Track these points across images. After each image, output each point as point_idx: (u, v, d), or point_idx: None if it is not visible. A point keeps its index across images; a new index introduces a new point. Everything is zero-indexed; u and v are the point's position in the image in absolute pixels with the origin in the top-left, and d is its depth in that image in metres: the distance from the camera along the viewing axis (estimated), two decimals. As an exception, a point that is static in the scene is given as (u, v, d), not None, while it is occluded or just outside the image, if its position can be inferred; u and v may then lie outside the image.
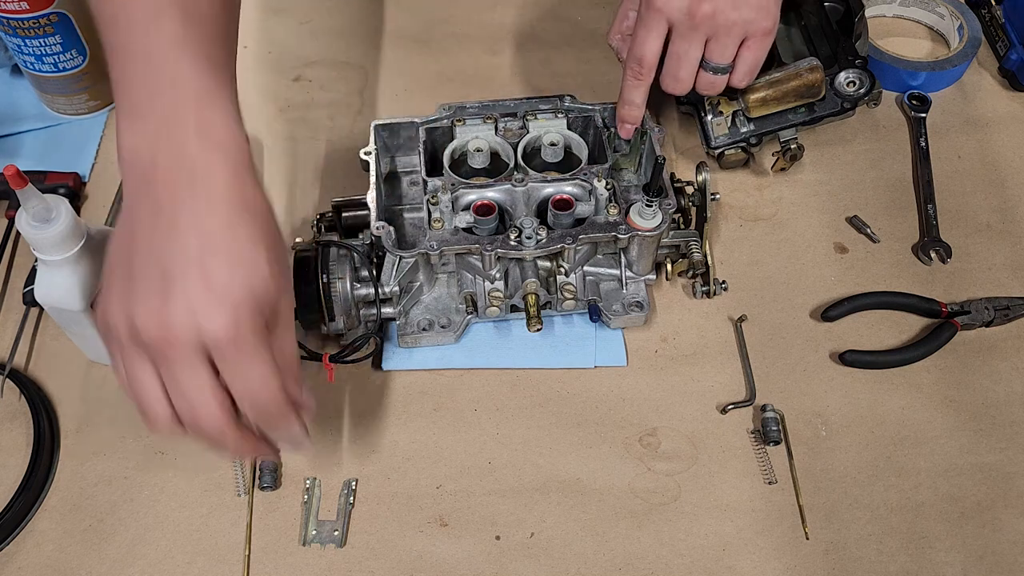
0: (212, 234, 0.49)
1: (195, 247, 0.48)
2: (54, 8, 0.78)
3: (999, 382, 0.72)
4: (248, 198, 0.51)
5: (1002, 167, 0.86)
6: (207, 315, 0.47)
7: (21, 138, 0.87)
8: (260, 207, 0.52)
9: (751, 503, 0.66)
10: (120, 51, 0.53)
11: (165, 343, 0.47)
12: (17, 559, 0.63)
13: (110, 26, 0.54)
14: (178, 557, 0.63)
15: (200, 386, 0.49)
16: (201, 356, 0.48)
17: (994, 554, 0.64)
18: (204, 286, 0.47)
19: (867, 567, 0.63)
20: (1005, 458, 0.68)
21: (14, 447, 0.67)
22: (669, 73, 0.72)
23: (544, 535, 0.65)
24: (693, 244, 0.74)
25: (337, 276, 0.68)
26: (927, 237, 0.80)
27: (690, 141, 0.87)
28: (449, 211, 0.70)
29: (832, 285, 0.78)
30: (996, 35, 0.95)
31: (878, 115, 0.90)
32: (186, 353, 0.47)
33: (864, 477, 0.67)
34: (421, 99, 0.91)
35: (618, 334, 0.74)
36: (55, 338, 0.73)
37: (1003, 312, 0.74)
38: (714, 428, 0.69)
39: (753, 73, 0.73)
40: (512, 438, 0.69)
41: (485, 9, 1.00)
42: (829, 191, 0.84)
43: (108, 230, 0.67)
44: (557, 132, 0.75)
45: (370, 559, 0.63)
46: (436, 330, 0.72)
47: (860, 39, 0.85)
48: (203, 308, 0.47)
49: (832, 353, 0.73)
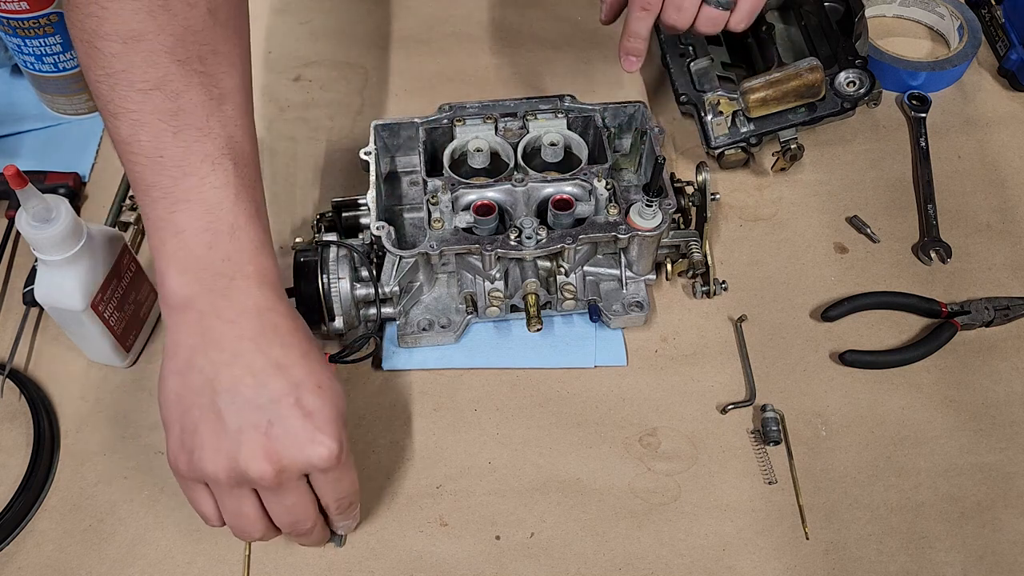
0: (294, 369, 0.52)
1: (286, 388, 0.52)
2: (54, 8, 0.78)
3: (999, 382, 0.72)
4: (301, 326, 0.56)
5: (1002, 167, 0.86)
6: (314, 447, 0.51)
7: (21, 138, 0.87)
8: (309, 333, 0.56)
9: (751, 503, 0.66)
10: (166, 197, 0.53)
11: (275, 475, 0.51)
12: (17, 559, 0.63)
13: (151, 165, 0.52)
14: (178, 557, 0.63)
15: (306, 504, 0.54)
16: (303, 479, 0.53)
17: (994, 554, 0.64)
18: (306, 425, 0.51)
19: (867, 567, 0.63)
20: (1005, 458, 0.68)
21: (14, 447, 0.67)
22: (673, 3, 0.72)
23: (544, 535, 0.65)
24: (693, 244, 0.74)
25: (337, 276, 0.68)
26: (927, 237, 0.80)
27: (690, 141, 0.87)
28: (449, 211, 0.70)
29: (832, 285, 0.78)
30: (996, 35, 0.95)
31: (878, 115, 0.90)
32: (292, 479, 0.52)
33: (864, 477, 0.67)
34: (421, 99, 0.91)
35: (618, 334, 0.74)
36: (55, 338, 0.73)
37: (1003, 312, 0.74)
38: (714, 428, 0.69)
39: (752, 16, 0.73)
40: (512, 438, 0.69)
41: (485, 9, 1.00)
42: (829, 191, 0.84)
43: (108, 230, 0.67)
44: (557, 132, 0.75)
45: (370, 559, 0.63)
46: (436, 330, 0.72)
47: (860, 39, 0.85)
48: (310, 440, 0.51)
49: (832, 353, 0.73)
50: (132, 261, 0.69)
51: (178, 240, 0.52)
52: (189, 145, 0.52)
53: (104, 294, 0.65)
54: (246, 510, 0.53)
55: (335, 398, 0.53)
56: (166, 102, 0.52)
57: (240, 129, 0.55)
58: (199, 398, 0.51)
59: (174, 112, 0.52)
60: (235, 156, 0.54)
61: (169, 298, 0.53)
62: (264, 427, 0.50)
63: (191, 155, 0.53)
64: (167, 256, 0.53)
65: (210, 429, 0.51)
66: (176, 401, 0.52)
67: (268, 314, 0.53)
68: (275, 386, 0.51)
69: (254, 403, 0.51)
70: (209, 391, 0.51)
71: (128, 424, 0.69)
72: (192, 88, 0.53)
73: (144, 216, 0.54)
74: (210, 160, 0.53)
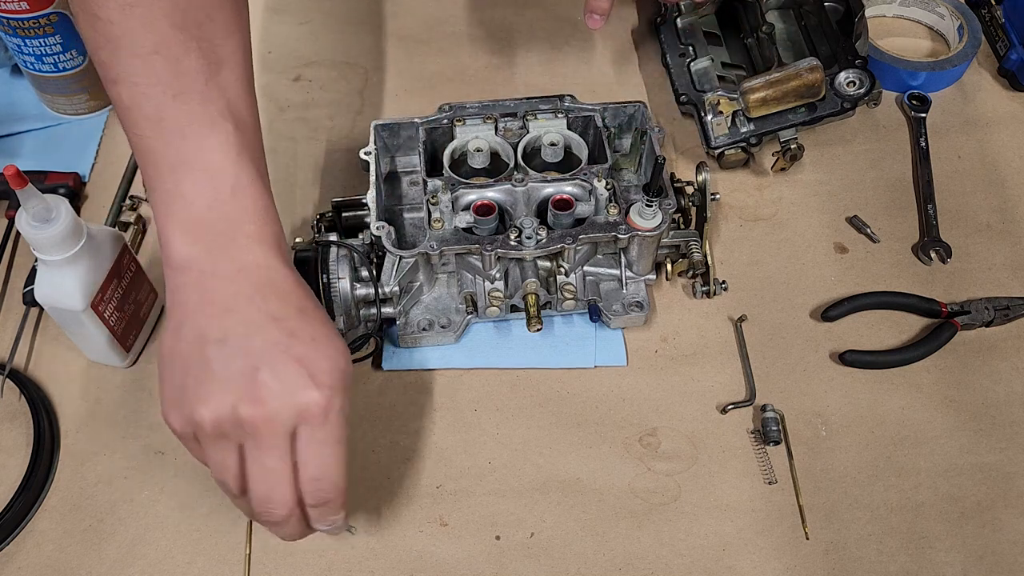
0: (289, 321, 0.52)
1: (279, 336, 0.51)
2: (54, 8, 0.78)
3: (999, 382, 0.72)
4: (303, 287, 0.55)
5: (1002, 167, 0.86)
6: (304, 391, 0.49)
7: (21, 138, 0.87)
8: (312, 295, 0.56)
9: (751, 503, 0.66)
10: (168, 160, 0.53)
11: (261, 421, 0.49)
12: (17, 559, 0.63)
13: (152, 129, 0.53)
14: (178, 557, 0.63)
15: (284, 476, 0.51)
16: (288, 438, 0.50)
17: (994, 554, 0.64)
18: (297, 371, 0.50)
19: (867, 567, 0.63)
20: (1005, 458, 0.68)
21: (14, 447, 0.67)
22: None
23: (544, 535, 0.65)
24: (693, 244, 0.74)
25: (337, 276, 0.68)
26: (927, 237, 0.80)
27: (690, 141, 0.87)
28: (449, 211, 0.70)
29: (832, 285, 0.78)
30: (996, 35, 0.95)
31: (878, 115, 0.90)
32: (278, 432, 0.50)
33: (864, 477, 0.67)
34: (421, 99, 0.91)
35: (618, 334, 0.74)
36: (55, 338, 0.73)
37: (1003, 312, 0.74)
38: (714, 428, 0.69)
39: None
40: (512, 438, 0.69)
41: (485, 9, 1.00)
42: (829, 191, 0.84)
43: (108, 230, 0.67)
44: (557, 132, 0.75)
45: (370, 559, 0.63)
46: (436, 330, 0.72)
47: (860, 39, 0.85)
48: (299, 386, 0.49)
49: (832, 353, 0.73)
50: (132, 261, 0.69)
51: (180, 203, 0.53)
52: (189, 108, 0.53)
53: (104, 294, 0.65)
54: (229, 462, 0.51)
55: (332, 352, 0.52)
56: (165, 66, 0.53)
57: (239, 95, 0.56)
58: (191, 350, 0.51)
59: (173, 76, 0.53)
60: (235, 120, 0.55)
61: (171, 260, 0.53)
62: (252, 373, 0.49)
63: (191, 118, 0.53)
64: (169, 219, 0.53)
65: (199, 378, 0.50)
66: (170, 357, 0.52)
67: (267, 272, 0.53)
68: (267, 335, 0.50)
69: (244, 350, 0.50)
70: (200, 343, 0.51)
71: (128, 424, 0.69)
72: (190, 53, 0.53)
73: (147, 182, 0.55)
74: (209, 123, 0.54)
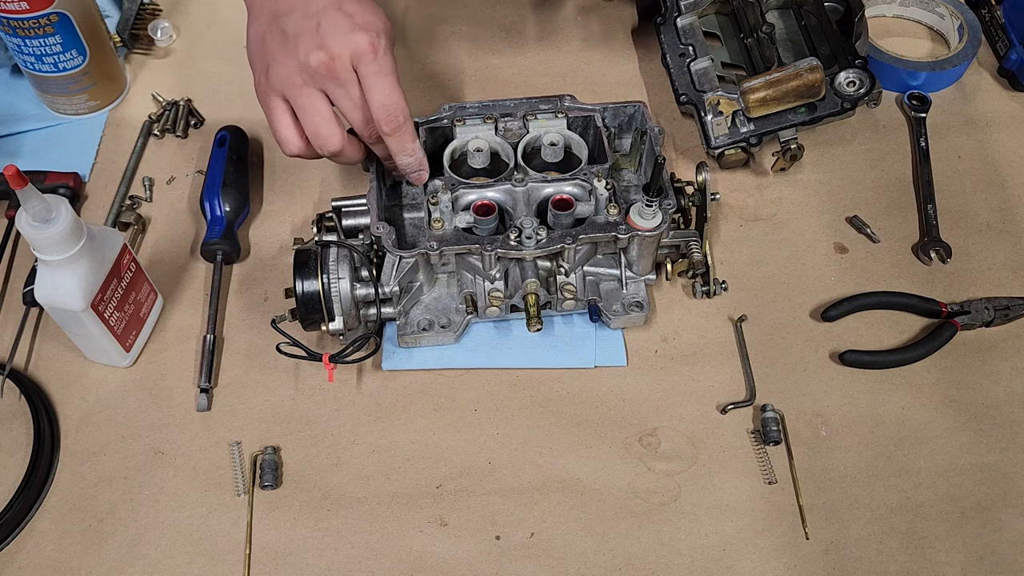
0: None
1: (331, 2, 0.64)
2: (54, 8, 0.78)
3: (999, 382, 0.72)
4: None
5: (1002, 167, 0.86)
6: (354, 34, 0.62)
7: (21, 138, 0.87)
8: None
9: (751, 503, 0.66)
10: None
11: (328, 60, 0.62)
12: (17, 559, 0.63)
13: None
14: (178, 557, 0.63)
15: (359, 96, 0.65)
16: (354, 73, 0.63)
17: (994, 554, 0.64)
18: (348, 21, 0.63)
19: (867, 567, 0.63)
20: (1005, 458, 0.68)
21: (14, 447, 0.68)
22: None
23: (544, 535, 0.65)
24: (693, 244, 0.74)
25: (337, 276, 0.68)
26: (927, 237, 0.80)
27: (690, 141, 0.87)
28: (449, 211, 0.70)
29: (832, 285, 0.78)
30: (996, 35, 0.95)
31: (878, 115, 0.90)
32: (345, 67, 0.63)
33: (864, 477, 0.67)
34: (421, 99, 0.91)
35: (618, 334, 0.74)
36: (55, 338, 0.73)
37: (1003, 312, 0.74)
38: (714, 428, 0.69)
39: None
40: (512, 438, 0.69)
41: (485, 9, 1.00)
42: (829, 191, 0.84)
43: (108, 230, 0.67)
44: (557, 132, 0.75)
45: (370, 559, 0.63)
46: (436, 330, 0.72)
47: (860, 39, 0.85)
48: (350, 29, 0.62)
49: (832, 353, 0.73)
50: (132, 261, 0.69)
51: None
52: None
53: (104, 294, 0.65)
54: (317, 104, 0.64)
55: (374, 9, 0.65)
56: None
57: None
58: (269, 28, 0.65)
59: None
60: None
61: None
62: (315, 28, 0.63)
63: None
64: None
65: (277, 45, 0.64)
66: (256, 41, 0.66)
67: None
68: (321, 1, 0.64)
69: (305, 13, 0.63)
70: (274, 20, 0.65)
71: (128, 424, 0.69)
72: None
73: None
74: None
